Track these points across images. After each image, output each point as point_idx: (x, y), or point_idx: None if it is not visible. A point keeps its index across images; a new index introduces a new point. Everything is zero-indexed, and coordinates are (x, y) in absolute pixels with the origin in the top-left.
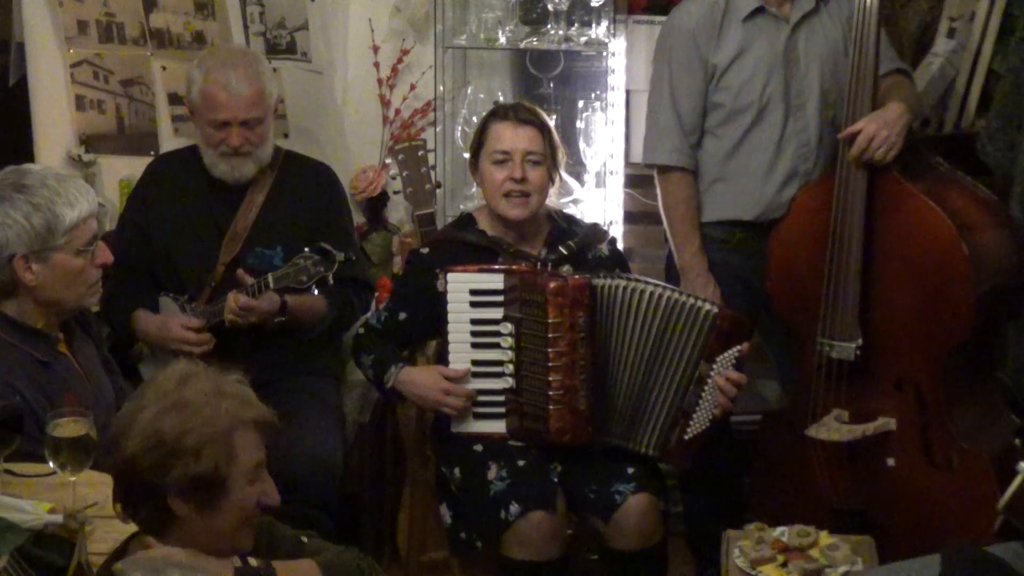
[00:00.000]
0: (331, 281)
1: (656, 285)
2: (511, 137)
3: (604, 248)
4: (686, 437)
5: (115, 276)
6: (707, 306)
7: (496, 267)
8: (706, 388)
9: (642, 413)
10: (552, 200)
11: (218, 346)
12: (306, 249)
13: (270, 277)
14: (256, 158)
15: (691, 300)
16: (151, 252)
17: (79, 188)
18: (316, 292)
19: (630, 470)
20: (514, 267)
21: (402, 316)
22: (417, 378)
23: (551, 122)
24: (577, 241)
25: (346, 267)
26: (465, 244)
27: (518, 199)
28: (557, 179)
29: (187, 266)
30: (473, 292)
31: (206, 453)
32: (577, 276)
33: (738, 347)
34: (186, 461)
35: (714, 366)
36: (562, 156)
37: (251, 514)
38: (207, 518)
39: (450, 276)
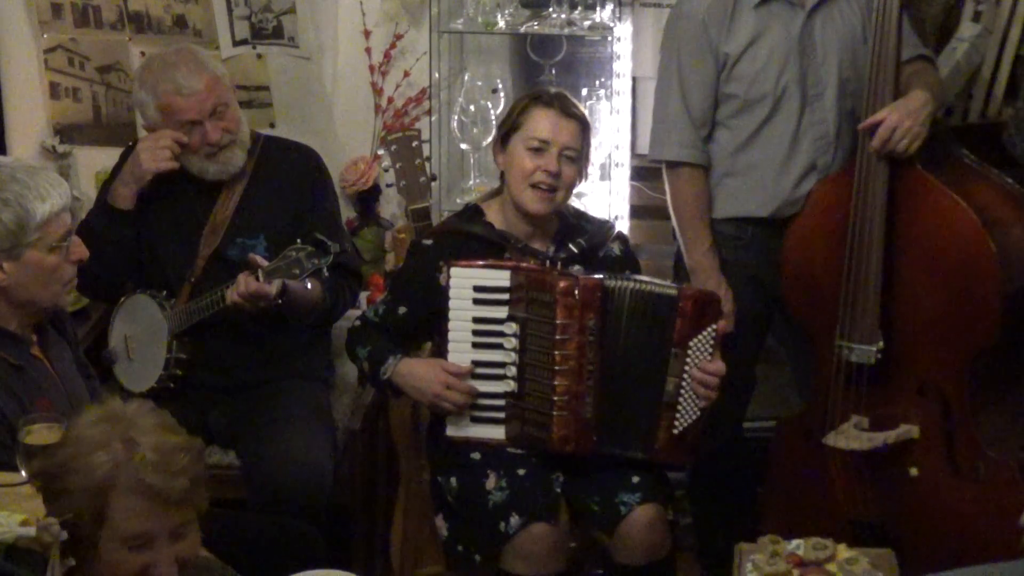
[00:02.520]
0: (326, 273)
1: (650, 282)
2: (553, 127)
3: (616, 247)
4: (675, 432)
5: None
6: (668, 290)
7: (502, 263)
8: (685, 377)
9: (633, 416)
10: None
11: (202, 347)
12: (298, 240)
13: (260, 272)
14: (240, 143)
15: (657, 288)
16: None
17: (51, 181)
18: (309, 286)
19: (635, 479)
20: (521, 264)
21: (402, 310)
22: (417, 369)
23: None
24: (587, 239)
25: (338, 255)
26: (471, 237)
27: (544, 193)
28: (586, 178)
29: (166, 261)
30: (477, 289)
31: (75, 501)
32: (588, 276)
33: (711, 327)
34: (57, 503)
35: (689, 351)
36: (592, 156)
37: None
38: (88, 568)
39: (453, 270)
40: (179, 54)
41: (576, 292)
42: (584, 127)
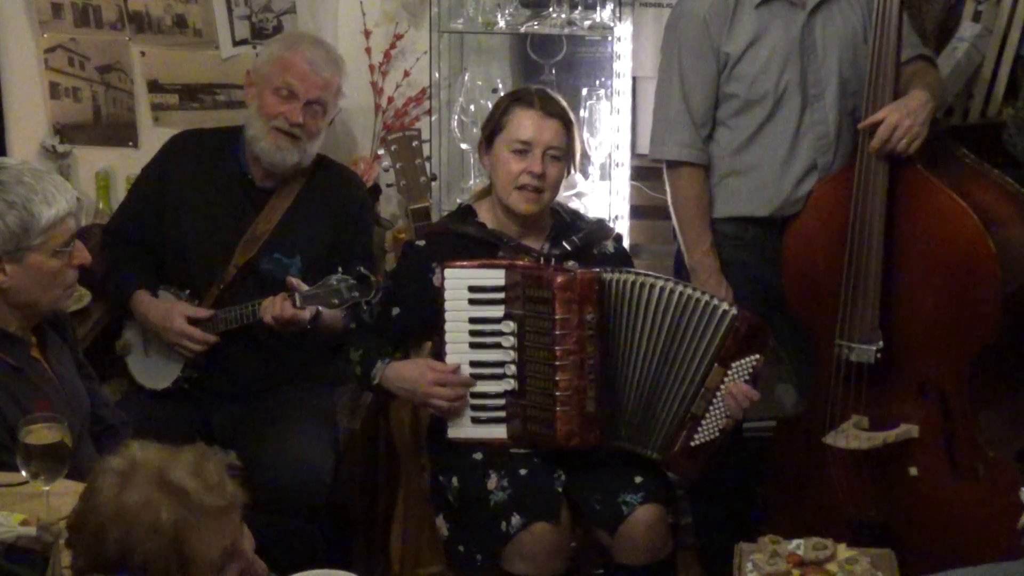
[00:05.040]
0: (364, 308)
1: (667, 280)
2: (535, 128)
3: (610, 245)
4: (693, 444)
5: (118, 247)
6: (725, 306)
7: (496, 262)
8: (718, 394)
9: (650, 415)
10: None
11: (213, 354)
12: (339, 270)
13: (297, 296)
14: (302, 150)
15: (707, 297)
16: (160, 235)
17: (57, 185)
18: (343, 315)
19: (637, 479)
20: (516, 262)
21: (395, 311)
22: (404, 372)
23: (573, 115)
24: (582, 237)
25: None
26: (464, 237)
27: (531, 194)
28: (573, 173)
29: (198, 261)
30: (472, 289)
31: (154, 568)
32: (585, 270)
33: (755, 356)
34: None
35: (728, 372)
36: (579, 149)
37: None
38: None
39: (447, 272)
40: (330, 47)
41: (574, 286)
42: (567, 124)
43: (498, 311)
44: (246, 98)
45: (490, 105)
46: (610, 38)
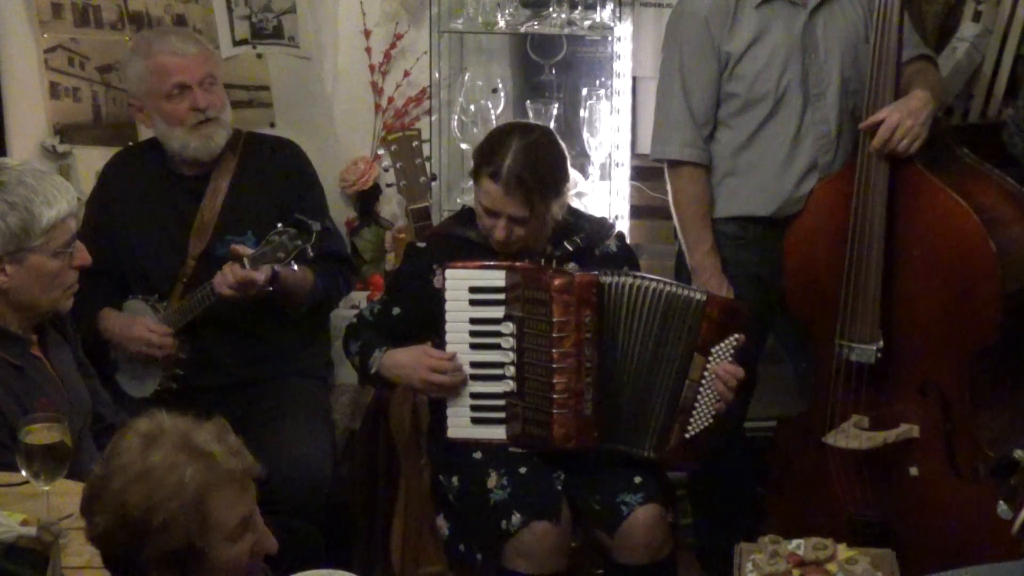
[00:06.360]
0: (311, 253)
1: (658, 280)
2: (499, 199)
3: (612, 244)
4: (687, 436)
5: (81, 282)
6: (695, 295)
7: (497, 263)
8: (704, 382)
9: (642, 416)
10: None
11: (199, 347)
12: (279, 225)
13: (245, 260)
14: (223, 124)
15: (681, 291)
16: (117, 255)
17: (58, 186)
18: (296, 267)
19: (637, 479)
20: (516, 264)
21: (396, 311)
22: (400, 359)
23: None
24: (583, 237)
25: (324, 242)
26: (465, 239)
27: (504, 245)
28: (555, 208)
29: (156, 264)
30: (473, 290)
31: (175, 528)
32: (583, 273)
33: (734, 336)
34: (156, 539)
35: (710, 358)
36: (570, 186)
37: (243, 570)
38: None
39: (448, 272)
40: (175, 27)
41: (572, 289)
42: (532, 194)
43: (498, 312)
44: (143, 123)
45: (490, 105)
46: (610, 38)
